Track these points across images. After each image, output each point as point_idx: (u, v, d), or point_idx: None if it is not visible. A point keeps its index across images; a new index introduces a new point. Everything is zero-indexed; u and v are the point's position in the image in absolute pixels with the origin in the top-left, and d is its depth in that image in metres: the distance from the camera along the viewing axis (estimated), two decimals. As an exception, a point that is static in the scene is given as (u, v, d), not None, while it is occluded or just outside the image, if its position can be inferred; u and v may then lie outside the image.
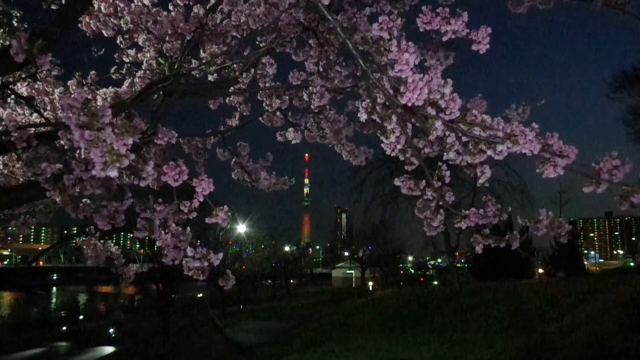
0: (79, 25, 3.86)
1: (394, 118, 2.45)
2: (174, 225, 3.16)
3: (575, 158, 2.36)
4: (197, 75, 4.15)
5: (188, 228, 3.15)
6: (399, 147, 2.59)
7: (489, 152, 2.38)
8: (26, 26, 3.45)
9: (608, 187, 2.36)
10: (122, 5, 3.90)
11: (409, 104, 2.19)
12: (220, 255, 2.96)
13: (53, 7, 3.54)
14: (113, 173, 1.82)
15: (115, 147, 1.78)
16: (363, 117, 2.61)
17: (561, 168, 2.36)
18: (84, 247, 3.76)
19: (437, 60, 3.17)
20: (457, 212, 2.93)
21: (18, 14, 3.55)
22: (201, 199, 3.05)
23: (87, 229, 3.76)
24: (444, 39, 2.43)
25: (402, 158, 2.85)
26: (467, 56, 2.60)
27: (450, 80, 2.27)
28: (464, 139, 2.51)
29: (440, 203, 2.96)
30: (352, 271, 69.50)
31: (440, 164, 2.93)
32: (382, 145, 2.64)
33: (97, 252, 3.74)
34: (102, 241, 3.81)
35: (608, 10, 3.61)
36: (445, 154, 2.69)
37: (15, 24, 3.54)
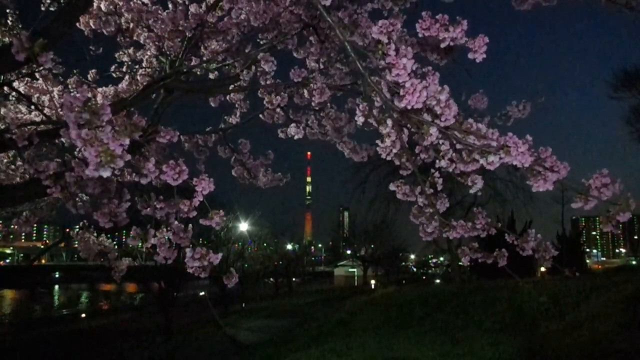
0: (78, 24, 3.86)
1: (390, 122, 2.44)
2: (176, 222, 3.16)
3: (566, 174, 2.36)
4: (198, 73, 4.16)
5: (190, 225, 3.15)
6: (394, 151, 2.58)
7: (482, 161, 2.38)
8: (20, 26, 3.44)
9: (597, 204, 2.37)
10: (121, 3, 3.90)
11: (408, 107, 2.18)
12: (220, 255, 2.95)
13: (52, 8, 3.54)
14: (105, 173, 1.81)
15: (111, 147, 1.77)
16: (360, 120, 2.61)
17: (551, 183, 2.36)
18: (77, 240, 3.76)
19: (437, 56, 3.16)
20: (446, 222, 2.94)
21: (16, 13, 3.54)
22: (201, 198, 3.04)
23: (82, 222, 3.74)
24: (442, 45, 2.41)
25: (397, 162, 2.86)
26: (466, 56, 2.59)
27: (447, 87, 2.26)
28: (458, 146, 2.51)
29: (432, 211, 2.97)
30: (355, 269, 69.51)
31: (433, 171, 2.93)
32: (377, 149, 2.64)
33: (90, 246, 3.73)
34: (95, 234, 3.80)
35: (612, 6, 3.59)
36: (438, 161, 2.69)
37: (10, 23, 3.54)
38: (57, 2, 3.62)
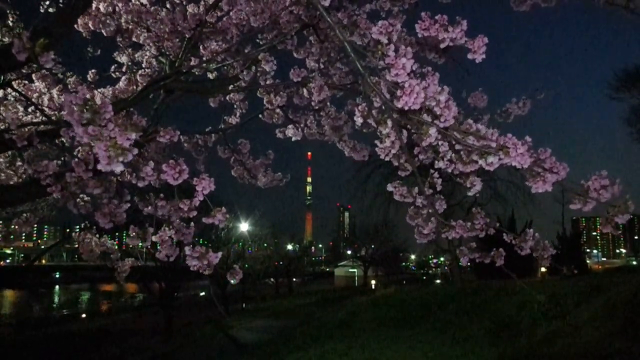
0: (76, 26, 3.86)
1: (389, 123, 2.44)
2: (177, 221, 3.17)
3: (565, 175, 2.36)
4: (197, 73, 4.16)
5: (192, 224, 3.16)
6: (393, 151, 2.58)
7: (481, 162, 2.38)
8: (22, 26, 3.45)
9: (595, 205, 2.37)
10: (120, 4, 3.89)
11: (406, 108, 2.18)
12: (219, 254, 2.96)
13: (51, 9, 3.54)
14: (118, 168, 1.82)
15: (119, 142, 1.77)
16: (359, 121, 2.61)
17: (550, 184, 2.36)
18: (79, 242, 3.75)
19: (435, 54, 3.16)
20: (445, 223, 2.94)
21: (15, 14, 3.54)
22: (201, 198, 3.04)
23: (84, 224, 3.75)
24: (442, 46, 2.40)
25: (396, 163, 2.85)
26: (465, 55, 2.58)
27: (447, 87, 2.25)
28: (457, 147, 2.51)
29: (430, 211, 2.97)
30: (355, 270, 69.54)
31: (432, 171, 2.93)
32: (376, 149, 2.63)
33: (92, 247, 3.73)
34: (97, 235, 3.80)
35: (611, 8, 3.59)
36: (436, 162, 2.69)
37: (11, 24, 3.54)
38: (56, 3, 3.62)
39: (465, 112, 3.44)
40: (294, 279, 65.96)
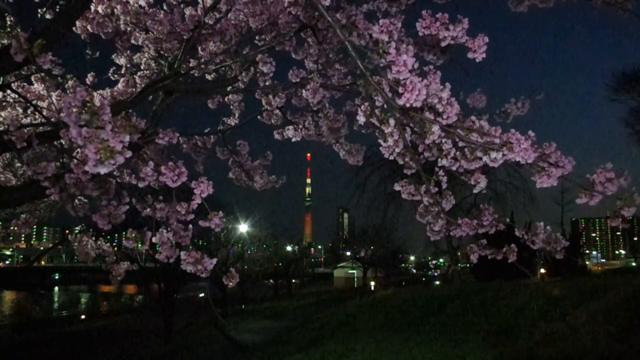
0: (74, 28, 3.85)
1: (392, 121, 2.44)
2: (175, 223, 3.16)
3: (571, 169, 2.35)
4: (196, 75, 4.15)
5: (190, 226, 3.15)
6: (397, 150, 2.57)
7: (485, 159, 2.37)
8: (19, 30, 3.44)
9: (601, 199, 2.35)
10: (118, 7, 3.89)
11: (407, 105, 2.18)
12: (215, 260, 2.95)
13: (48, 16, 3.54)
14: (104, 170, 1.81)
15: (111, 144, 1.77)
16: (361, 120, 2.60)
17: (555, 178, 2.35)
18: (75, 243, 3.74)
19: (434, 56, 3.16)
20: (452, 221, 2.93)
21: (12, 19, 3.53)
22: (199, 201, 3.04)
23: (81, 226, 3.75)
24: (443, 44, 2.39)
25: (401, 162, 2.84)
26: (464, 55, 2.58)
27: (449, 84, 2.25)
28: (461, 144, 2.50)
29: (437, 209, 2.95)
30: (354, 271, 69.49)
31: (437, 169, 2.91)
32: (380, 148, 2.63)
33: (87, 249, 3.72)
34: (94, 238, 3.79)
35: (608, 9, 3.59)
36: (440, 160, 2.68)
37: (9, 23, 3.54)
38: (55, 4, 3.62)
39: (464, 113, 3.43)
40: (294, 281, 65.87)
